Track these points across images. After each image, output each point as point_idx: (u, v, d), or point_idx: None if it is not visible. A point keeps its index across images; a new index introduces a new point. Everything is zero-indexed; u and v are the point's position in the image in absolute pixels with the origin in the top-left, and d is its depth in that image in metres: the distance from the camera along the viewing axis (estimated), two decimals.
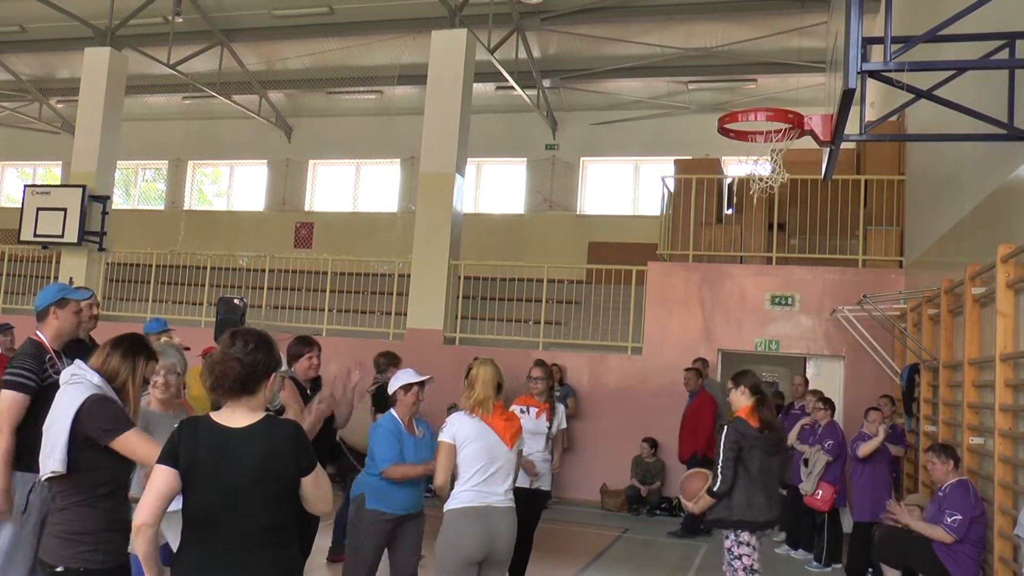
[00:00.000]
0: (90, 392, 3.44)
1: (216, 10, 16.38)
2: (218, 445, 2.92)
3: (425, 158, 13.64)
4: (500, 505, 4.57)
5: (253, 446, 2.93)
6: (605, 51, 16.25)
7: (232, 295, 13.01)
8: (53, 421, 3.45)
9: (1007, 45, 5.87)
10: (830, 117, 6.25)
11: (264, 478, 2.91)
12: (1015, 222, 5.99)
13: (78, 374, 3.51)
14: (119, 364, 3.58)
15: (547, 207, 18.64)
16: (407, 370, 5.37)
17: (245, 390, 2.99)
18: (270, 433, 2.98)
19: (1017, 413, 5.84)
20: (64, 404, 3.43)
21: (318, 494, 3.05)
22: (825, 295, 11.34)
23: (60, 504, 3.42)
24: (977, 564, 6.13)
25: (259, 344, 3.04)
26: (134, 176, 22.40)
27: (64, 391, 3.49)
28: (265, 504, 2.92)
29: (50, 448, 3.39)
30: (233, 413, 3.00)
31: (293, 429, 3.06)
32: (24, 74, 19.63)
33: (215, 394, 3.04)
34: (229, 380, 2.97)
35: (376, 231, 18.41)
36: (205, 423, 2.99)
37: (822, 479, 8.48)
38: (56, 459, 3.35)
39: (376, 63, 16.95)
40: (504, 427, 4.64)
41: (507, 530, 4.59)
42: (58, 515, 3.42)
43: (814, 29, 13.68)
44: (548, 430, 6.54)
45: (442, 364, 12.41)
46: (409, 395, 5.17)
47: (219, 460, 2.91)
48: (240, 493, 2.90)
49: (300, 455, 2.99)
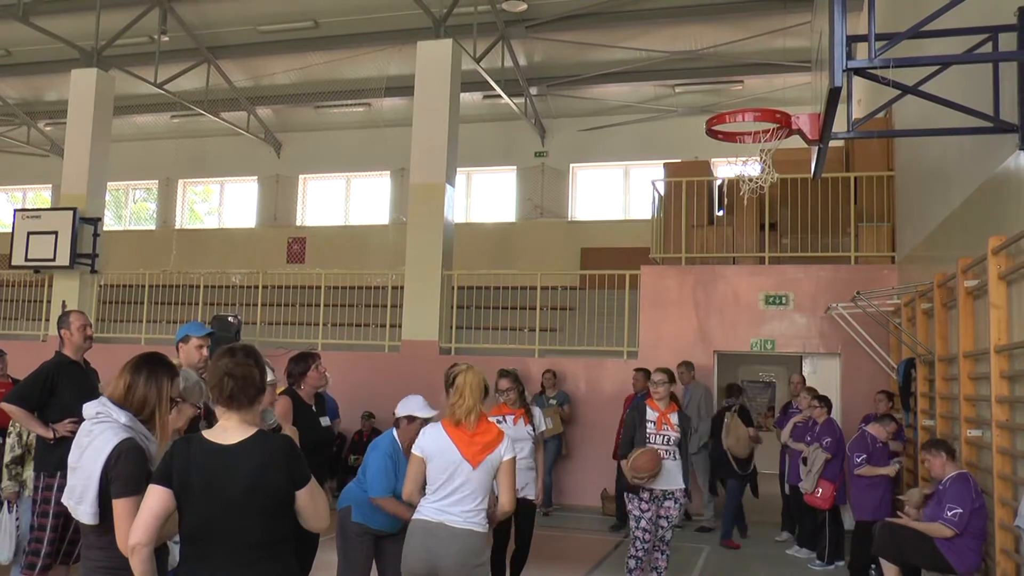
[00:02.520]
0: (118, 437, 3.26)
1: (201, 27, 16.38)
2: (210, 463, 2.94)
3: (415, 169, 13.65)
4: (455, 525, 4.31)
5: (245, 462, 2.94)
6: (591, 57, 16.28)
7: (226, 313, 13.00)
8: (80, 464, 3.30)
9: (990, 39, 5.91)
10: (817, 116, 6.27)
11: (257, 493, 2.92)
12: (1004, 214, 6.02)
13: (103, 412, 3.33)
14: (144, 391, 3.38)
15: (538, 214, 18.65)
16: (418, 399, 5.27)
17: (257, 397, 3.08)
18: (262, 448, 2.99)
19: (1013, 404, 5.85)
20: (92, 450, 3.27)
21: (313, 509, 3.05)
22: (819, 293, 11.37)
23: (97, 542, 3.29)
24: (978, 556, 6.13)
25: (258, 357, 3.12)
26: (124, 197, 22.35)
27: (90, 431, 3.32)
28: (259, 519, 2.93)
29: (79, 495, 3.26)
30: (225, 430, 3.02)
31: (286, 443, 3.08)
32: (11, 98, 19.60)
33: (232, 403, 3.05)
34: (250, 385, 3.04)
35: (368, 244, 18.42)
36: (197, 441, 3.01)
37: (821, 477, 8.49)
38: (88, 512, 3.23)
39: (363, 76, 16.97)
40: (468, 444, 4.38)
41: (454, 552, 4.28)
42: (97, 552, 3.28)
43: (798, 29, 13.75)
44: (531, 434, 6.61)
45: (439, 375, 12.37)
46: (412, 426, 5.10)
47: (212, 477, 2.92)
48: (234, 509, 2.90)
49: (293, 469, 3.00)
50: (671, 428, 6.76)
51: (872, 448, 7.97)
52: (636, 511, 6.76)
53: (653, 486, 6.68)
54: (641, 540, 6.75)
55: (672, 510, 6.79)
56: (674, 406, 6.92)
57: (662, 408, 6.83)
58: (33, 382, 5.58)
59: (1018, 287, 5.79)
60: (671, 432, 6.75)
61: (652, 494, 6.72)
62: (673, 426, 6.77)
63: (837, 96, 5.43)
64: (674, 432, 6.76)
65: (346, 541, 5.19)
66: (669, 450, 6.74)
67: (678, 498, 6.80)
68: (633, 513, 6.78)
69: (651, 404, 6.88)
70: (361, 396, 12.11)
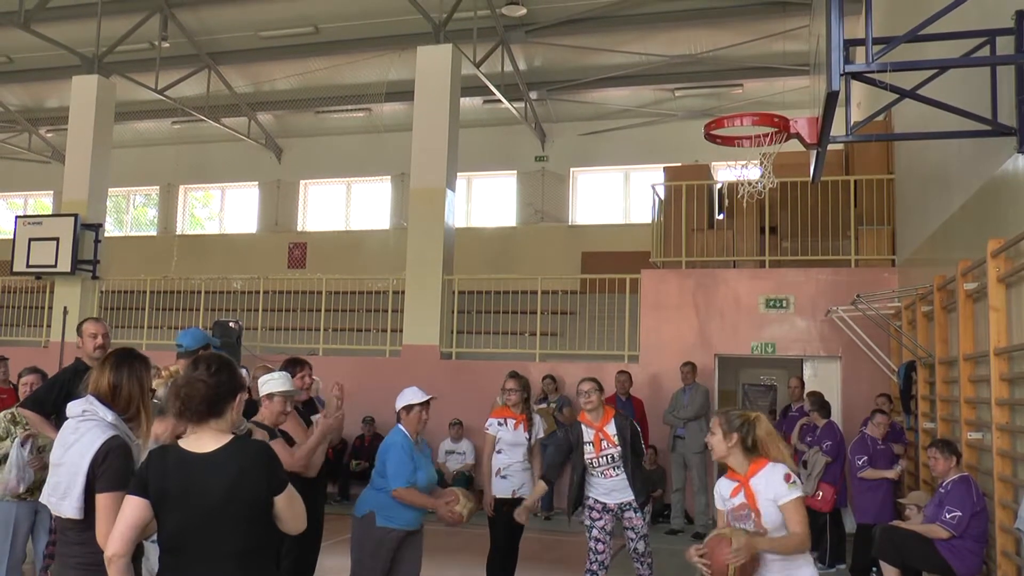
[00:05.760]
0: (106, 435, 3.31)
1: (202, 33, 16.43)
2: (186, 471, 2.93)
3: (415, 174, 13.67)
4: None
5: (221, 470, 2.93)
6: (590, 61, 16.31)
7: (227, 318, 13.01)
8: (64, 460, 3.34)
9: (988, 42, 5.93)
10: (816, 120, 6.29)
11: (233, 501, 2.91)
12: (1003, 217, 6.03)
13: (89, 410, 3.37)
14: (128, 386, 3.45)
15: (539, 219, 18.67)
16: (413, 389, 5.35)
17: (212, 412, 3.03)
18: (238, 455, 2.98)
19: (1013, 407, 5.86)
20: (78, 446, 3.31)
21: (291, 513, 3.05)
22: (819, 296, 11.37)
23: (76, 538, 3.31)
24: (979, 559, 6.13)
25: (221, 366, 3.09)
26: (125, 203, 22.39)
27: (76, 429, 3.36)
28: (237, 527, 2.92)
29: (63, 491, 3.30)
30: (200, 439, 3.01)
31: (261, 449, 3.08)
32: (12, 104, 19.66)
33: (183, 419, 3.05)
34: (195, 402, 3.01)
35: (369, 249, 18.44)
36: (173, 451, 3.01)
37: (822, 480, 8.48)
38: (72, 506, 3.26)
39: (363, 81, 17.02)
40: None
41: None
42: (76, 548, 3.31)
43: (797, 32, 13.78)
44: (528, 441, 6.67)
45: (440, 380, 12.42)
46: (413, 414, 5.20)
47: (188, 486, 2.91)
48: (210, 518, 2.90)
49: (270, 475, 3.00)
50: (611, 443, 6.19)
51: (873, 450, 7.99)
52: (587, 520, 6.31)
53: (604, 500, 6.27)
54: (594, 551, 6.22)
55: (635, 520, 6.24)
56: (609, 413, 6.35)
57: (596, 422, 6.26)
58: (50, 387, 5.59)
59: (1017, 289, 5.80)
60: (612, 449, 6.20)
61: (605, 506, 6.28)
62: (612, 440, 6.19)
63: (835, 100, 5.46)
64: (614, 447, 6.19)
65: (365, 547, 5.10)
66: (616, 467, 6.22)
67: (636, 507, 6.25)
68: (584, 523, 6.35)
69: (583, 420, 6.32)
70: (362, 401, 12.09)
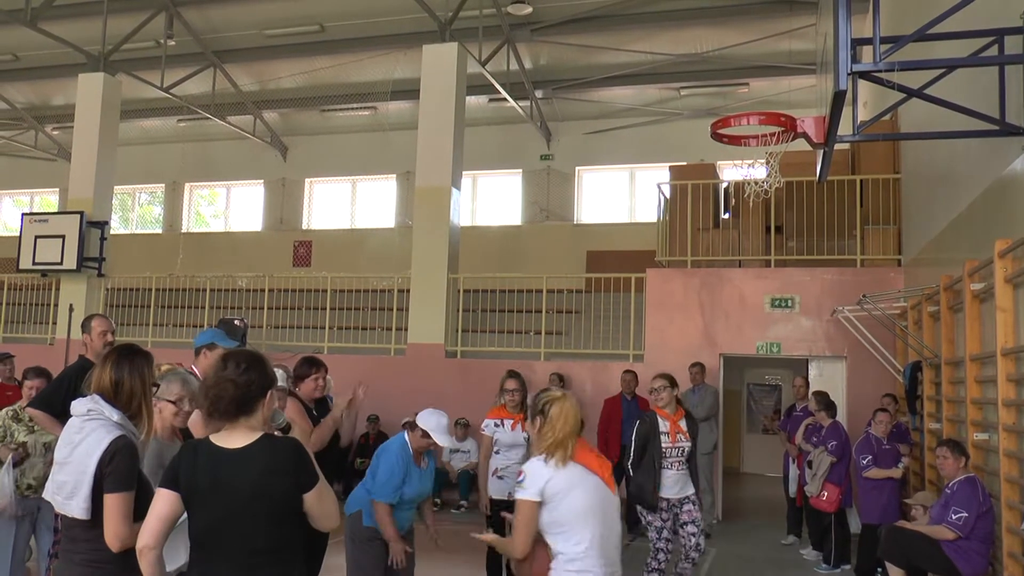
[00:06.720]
0: (112, 435, 3.29)
1: (208, 32, 16.43)
2: (216, 467, 2.93)
3: (420, 173, 13.66)
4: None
5: (250, 466, 2.92)
6: (596, 60, 16.29)
7: (233, 316, 13.04)
8: (70, 459, 3.32)
9: (996, 42, 5.90)
10: (822, 119, 6.27)
11: (261, 498, 2.90)
12: (1011, 217, 6.00)
13: (95, 409, 3.35)
14: (130, 383, 3.42)
15: (544, 217, 18.66)
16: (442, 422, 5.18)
17: (241, 411, 3.00)
18: (267, 452, 2.97)
19: (1020, 408, 5.83)
20: (85, 446, 3.29)
21: (322, 510, 3.02)
22: (825, 296, 11.34)
23: (83, 535, 3.30)
24: (986, 560, 6.11)
25: (251, 364, 3.05)
26: (131, 200, 22.42)
27: (81, 428, 3.33)
28: (264, 525, 2.91)
29: (69, 490, 3.28)
30: (231, 434, 3.00)
31: (292, 446, 3.05)
32: (19, 102, 19.69)
33: (212, 418, 3.02)
34: (224, 402, 2.98)
35: (374, 247, 18.44)
36: (204, 446, 3.00)
37: (827, 480, 8.47)
38: (80, 507, 3.25)
39: (368, 79, 17.00)
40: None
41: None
42: (82, 544, 3.30)
43: (804, 31, 13.72)
44: (526, 441, 6.60)
45: (445, 378, 12.44)
46: (425, 440, 5.13)
47: (217, 482, 2.91)
48: (239, 513, 2.89)
49: (299, 472, 2.97)
50: (684, 437, 6.61)
51: (877, 449, 7.97)
52: (657, 522, 6.61)
53: (668, 495, 6.58)
54: (664, 552, 6.60)
55: (694, 512, 6.63)
56: (681, 411, 6.77)
57: (672, 415, 6.66)
58: (56, 387, 5.57)
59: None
60: (684, 442, 6.61)
61: (669, 502, 6.61)
62: (686, 434, 6.63)
63: (842, 99, 5.43)
64: (687, 441, 6.62)
65: (357, 546, 5.14)
66: (683, 461, 6.63)
67: (694, 500, 6.66)
68: (654, 524, 6.63)
69: (660, 413, 6.67)
70: (367, 399, 12.09)
